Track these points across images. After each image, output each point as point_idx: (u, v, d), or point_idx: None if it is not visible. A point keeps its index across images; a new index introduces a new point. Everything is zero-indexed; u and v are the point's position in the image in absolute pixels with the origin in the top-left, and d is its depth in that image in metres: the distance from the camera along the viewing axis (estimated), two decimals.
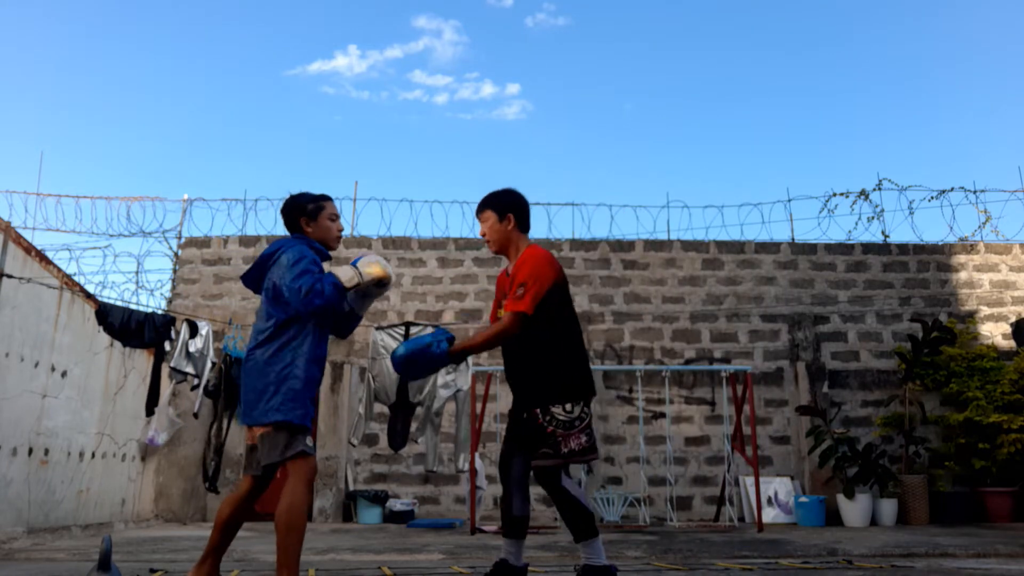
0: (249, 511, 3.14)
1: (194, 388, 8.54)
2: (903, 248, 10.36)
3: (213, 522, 3.09)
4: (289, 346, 2.93)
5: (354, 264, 3.02)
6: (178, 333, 8.28)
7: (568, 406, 3.10)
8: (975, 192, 10.50)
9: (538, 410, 3.11)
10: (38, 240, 11.57)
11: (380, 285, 3.06)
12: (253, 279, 3.13)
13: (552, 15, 27.14)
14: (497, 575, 3.18)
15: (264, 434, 2.89)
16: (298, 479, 2.86)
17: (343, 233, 3.34)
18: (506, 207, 3.33)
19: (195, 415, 8.56)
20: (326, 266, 3.11)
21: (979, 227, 10.48)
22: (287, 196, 3.19)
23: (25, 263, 6.40)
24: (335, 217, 3.20)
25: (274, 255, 3.04)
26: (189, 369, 8.31)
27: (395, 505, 8.79)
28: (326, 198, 3.18)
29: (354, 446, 8.85)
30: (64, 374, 7.04)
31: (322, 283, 2.86)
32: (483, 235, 3.37)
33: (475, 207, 3.43)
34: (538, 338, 3.15)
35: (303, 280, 2.83)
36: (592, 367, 9.19)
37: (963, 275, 10.24)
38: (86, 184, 27.64)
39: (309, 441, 2.95)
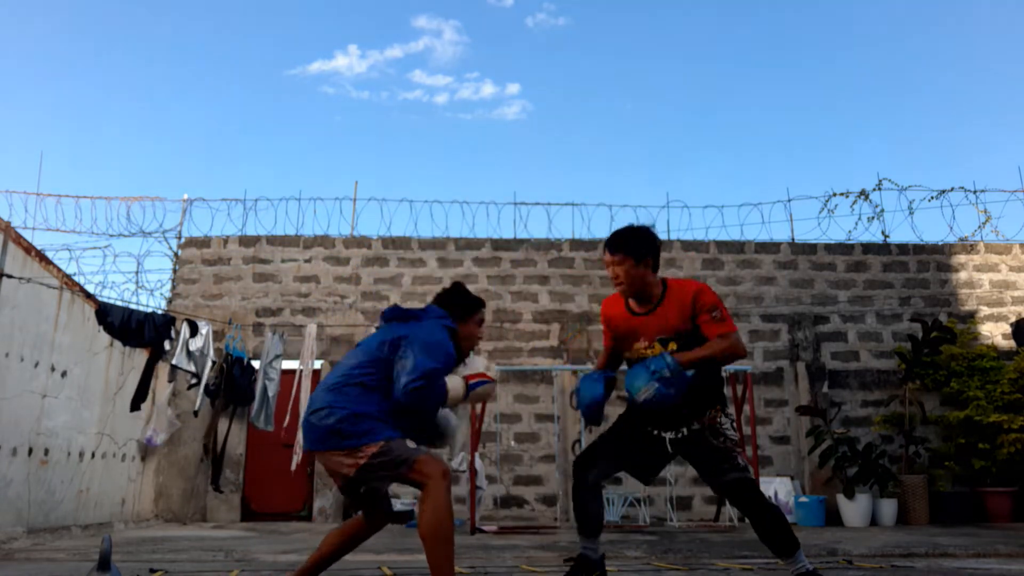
0: (356, 544, 2.95)
1: (192, 387, 8.56)
2: (903, 248, 10.37)
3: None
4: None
5: (471, 387, 2.88)
6: (178, 333, 8.29)
7: (733, 425, 3.17)
8: (975, 192, 10.50)
9: (711, 423, 3.11)
10: (38, 240, 11.55)
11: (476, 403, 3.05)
12: (391, 315, 3.04)
13: (552, 15, 27.14)
14: (578, 568, 3.15)
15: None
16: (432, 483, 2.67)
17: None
18: (645, 251, 3.17)
19: (195, 413, 8.57)
20: None
21: (979, 227, 10.49)
22: (454, 284, 3.15)
23: (25, 263, 6.40)
24: (482, 323, 3.15)
25: (418, 317, 2.96)
26: (190, 367, 8.33)
27: (395, 505, 8.77)
28: (483, 304, 3.16)
29: None
30: (64, 374, 7.04)
31: (435, 386, 2.72)
32: (615, 277, 3.20)
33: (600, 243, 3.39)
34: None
35: (419, 383, 2.67)
36: (592, 367, 9.22)
37: (963, 275, 10.24)
38: (86, 184, 27.65)
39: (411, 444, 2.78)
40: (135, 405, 8.05)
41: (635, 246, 3.17)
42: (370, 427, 2.66)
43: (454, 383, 2.83)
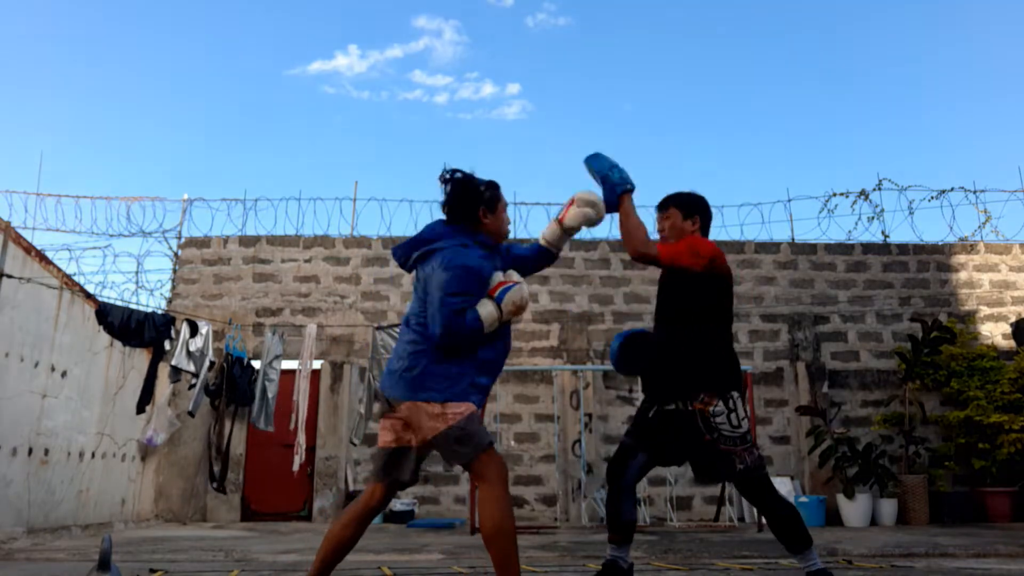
0: (365, 527, 2.78)
1: (191, 387, 8.56)
2: (903, 248, 10.37)
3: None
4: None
5: (498, 301, 2.65)
6: (178, 333, 8.29)
7: (737, 418, 3.00)
8: (975, 192, 10.50)
9: (702, 410, 2.99)
10: (38, 240, 11.56)
11: (516, 314, 2.76)
12: (404, 253, 2.81)
13: (552, 15, 27.14)
14: (607, 574, 3.10)
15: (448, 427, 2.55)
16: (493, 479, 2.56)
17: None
18: (693, 208, 3.25)
19: (190, 413, 8.56)
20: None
21: (979, 227, 10.49)
22: (455, 176, 2.79)
23: (25, 263, 6.40)
24: (506, 206, 2.89)
25: (433, 244, 2.72)
26: (190, 367, 8.33)
27: (395, 505, 8.79)
28: (498, 185, 2.85)
29: (355, 445, 8.86)
30: (64, 374, 7.04)
31: (464, 324, 2.57)
32: (661, 231, 3.28)
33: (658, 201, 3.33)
34: (702, 330, 3.08)
35: (446, 314, 2.55)
36: (592, 367, 9.24)
37: (963, 275, 10.24)
38: (86, 184, 27.64)
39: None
40: (140, 407, 8.08)
41: (683, 201, 3.27)
42: (458, 386, 2.57)
43: (483, 307, 2.61)
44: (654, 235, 3.32)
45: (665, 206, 3.29)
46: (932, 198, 10.47)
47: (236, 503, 9.08)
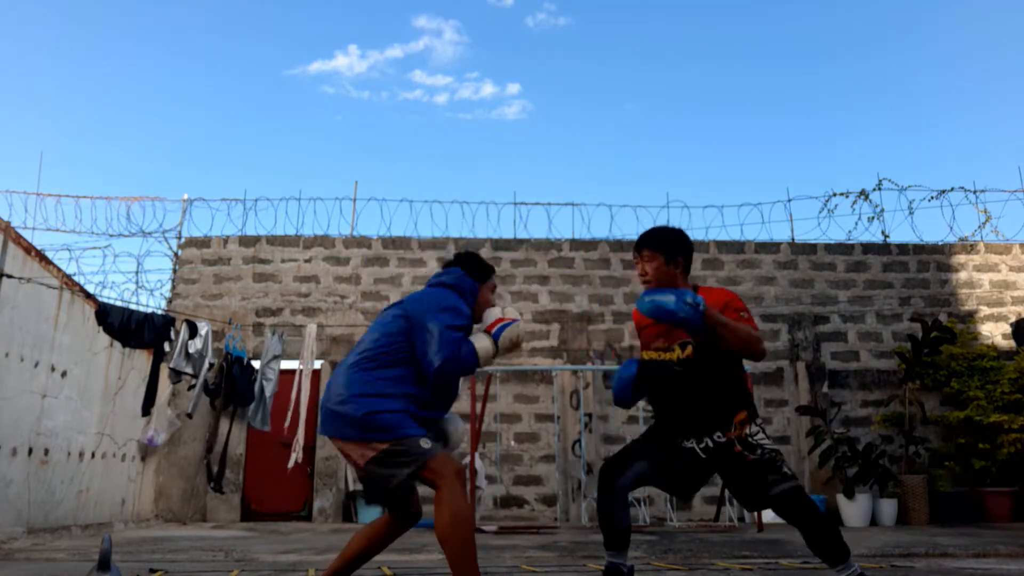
0: (383, 547, 2.85)
1: (191, 388, 8.56)
2: (903, 248, 10.37)
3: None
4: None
5: (495, 337, 2.76)
6: (178, 333, 8.29)
7: (767, 434, 2.95)
8: (975, 192, 10.51)
9: (740, 436, 2.88)
10: (38, 240, 11.56)
11: (510, 352, 2.86)
12: None
13: (552, 15, 27.14)
14: None
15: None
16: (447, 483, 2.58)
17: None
18: (676, 251, 3.11)
19: (189, 415, 8.56)
20: None
21: (979, 227, 10.49)
22: (465, 253, 3.08)
23: (25, 263, 6.40)
24: (494, 289, 3.07)
25: (427, 286, 2.91)
26: (188, 369, 8.33)
27: None
28: (494, 270, 3.09)
29: None
30: (64, 374, 7.04)
31: (463, 351, 2.66)
32: (642, 273, 3.14)
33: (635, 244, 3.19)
34: (726, 362, 2.98)
35: (448, 346, 2.62)
36: (592, 367, 9.23)
37: (963, 275, 10.24)
38: (86, 184, 27.64)
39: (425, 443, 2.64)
40: (145, 410, 8.10)
41: (667, 244, 3.11)
42: (387, 421, 2.59)
43: (480, 341, 2.73)
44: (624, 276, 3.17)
45: (645, 247, 3.12)
46: (932, 198, 10.48)
47: (236, 503, 9.08)
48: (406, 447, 2.57)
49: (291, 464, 8.50)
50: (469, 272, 2.96)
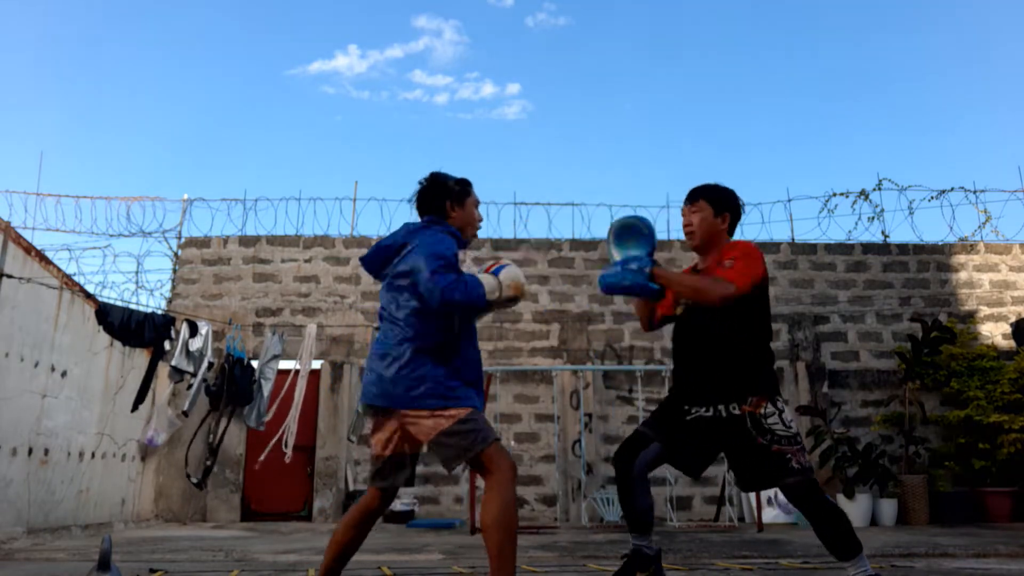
0: (368, 530, 2.74)
1: (190, 387, 8.55)
2: (903, 248, 10.37)
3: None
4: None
5: (495, 273, 2.66)
6: (178, 333, 8.29)
7: (787, 419, 2.81)
8: (975, 192, 10.50)
9: (753, 412, 2.81)
10: (38, 240, 11.57)
11: (511, 301, 2.69)
12: (374, 262, 2.81)
13: (552, 15, 27.15)
14: (633, 564, 2.97)
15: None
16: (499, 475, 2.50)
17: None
18: (724, 204, 3.06)
19: (185, 413, 8.56)
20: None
21: (979, 227, 10.49)
22: (429, 175, 2.88)
23: (25, 263, 6.40)
24: (478, 203, 2.92)
25: (408, 243, 2.72)
26: (189, 368, 8.33)
27: (395, 505, 8.78)
28: (469, 182, 2.91)
29: (352, 442, 8.86)
30: (64, 374, 7.04)
31: (465, 282, 2.53)
32: (687, 225, 3.08)
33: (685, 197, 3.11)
34: (744, 330, 2.89)
35: (443, 278, 2.50)
36: (592, 367, 9.24)
37: (963, 275, 10.24)
38: (86, 184, 27.63)
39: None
40: (135, 406, 8.06)
41: (714, 195, 3.07)
42: (458, 386, 2.53)
43: (484, 277, 2.62)
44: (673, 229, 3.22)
45: (695, 198, 3.09)
46: (932, 198, 10.48)
47: (236, 503, 9.08)
48: (479, 420, 2.53)
49: (286, 457, 8.44)
50: (441, 209, 2.81)
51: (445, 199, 2.82)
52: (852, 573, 2.74)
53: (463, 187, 2.86)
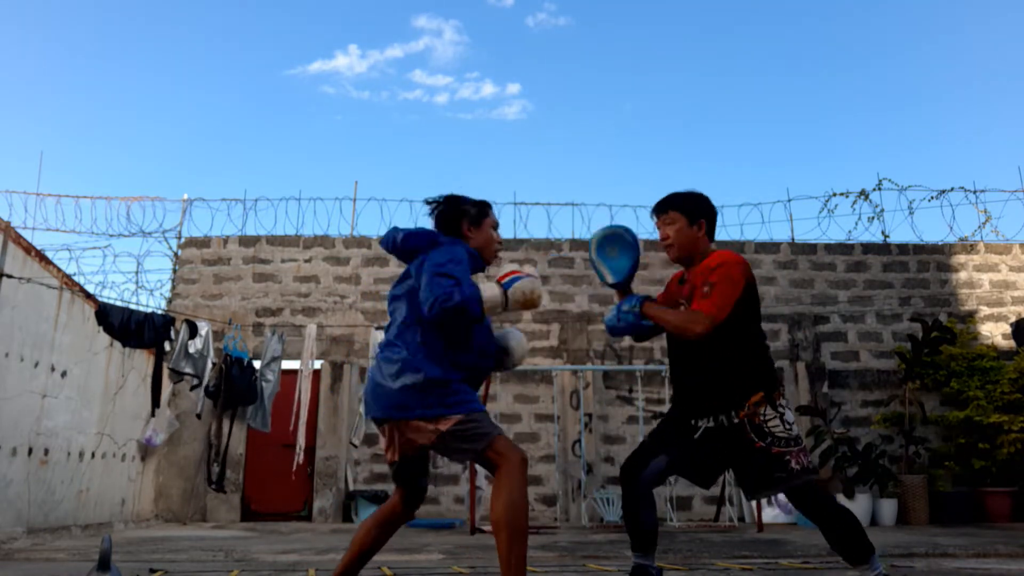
0: (391, 532, 2.75)
1: (194, 388, 8.55)
2: (903, 248, 10.37)
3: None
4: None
5: (507, 285, 2.59)
6: (178, 333, 8.29)
7: (788, 421, 2.77)
8: (975, 192, 10.50)
9: (751, 417, 2.77)
10: (38, 240, 11.57)
11: (524, 308, 2.64)
12: (397, 247, 2.79)
13: (552, 15, 27.15)
14: None
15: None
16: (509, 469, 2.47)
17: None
18: (697, 210, 2.98)
19: (198, 416, 8.56)
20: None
21: (979, 227, 10.49)
22: (445, 196, 2.85)
23: (25, 263, 6.40)
24: (496, 226, 2.88)
25: (425, 247, 2.69)
26: (188, 369, 8.33)
27: None
28: (489, 205, 2.88)
29: (355, 446, 8.86)
30: (64, 374, 7.04)
31: (461, 292, 2.47)
32: (664, 238, 3.02)
33: (653, 207, 3.09)
34: (741, 334, 2.84)
35: (439, 285, 2.48)
36: (592, 367, 9.23)
37: (963, 275, 10.24)
38: (86, 184, 27.64)
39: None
40: (153, 410, 8.13)
41: (685, 204, 2.98)
42: (455, 391, 2.53)
43: (487, 289, 2.56)
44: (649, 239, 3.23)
45: (664, 209, 3.01)
46: (932, 198, 10.48)
47: (236, 503, 9.08)
48: (481, 420, 2.52)
49: (295, 467, 8.49)
50: (458, 228, 2.79)
51: (462, 221, 2.80)
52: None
53: (480, 209, 2.84)
